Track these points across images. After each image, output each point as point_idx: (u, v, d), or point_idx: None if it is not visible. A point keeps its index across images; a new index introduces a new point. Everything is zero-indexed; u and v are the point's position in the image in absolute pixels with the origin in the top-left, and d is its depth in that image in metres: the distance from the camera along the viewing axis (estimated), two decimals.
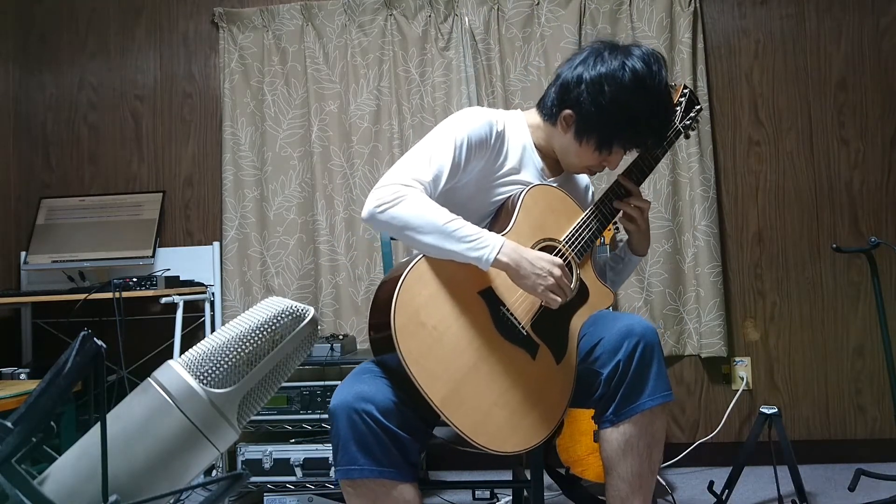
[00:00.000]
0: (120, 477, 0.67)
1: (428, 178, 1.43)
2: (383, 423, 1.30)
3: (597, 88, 1.48)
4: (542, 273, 1.37)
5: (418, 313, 1.33)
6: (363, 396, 1.31)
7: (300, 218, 3.04)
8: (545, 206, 1.53)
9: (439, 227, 1.35)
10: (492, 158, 1.54)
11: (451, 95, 2.95)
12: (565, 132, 1.56)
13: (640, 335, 1.39)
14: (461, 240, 1.36)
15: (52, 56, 3.26)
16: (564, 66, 1.57)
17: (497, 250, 1.36)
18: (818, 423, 2.85)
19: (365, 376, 1.39)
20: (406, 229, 1.37)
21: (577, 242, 1.53)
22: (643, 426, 1.39)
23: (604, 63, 1.49)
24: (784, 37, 2.92)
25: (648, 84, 1.47)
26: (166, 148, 3.19)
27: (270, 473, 2.45)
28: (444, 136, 1.48)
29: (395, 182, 1.40)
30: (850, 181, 2.87)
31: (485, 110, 1.57)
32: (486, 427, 1.34)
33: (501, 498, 2.42)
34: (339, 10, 3.04)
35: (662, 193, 2.86)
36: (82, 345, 0.66)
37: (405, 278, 1.34)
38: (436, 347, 1.33)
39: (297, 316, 0.77)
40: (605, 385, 1.41)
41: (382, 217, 1.38)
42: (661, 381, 1.40)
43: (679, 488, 2.61)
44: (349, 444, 1.30)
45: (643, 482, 1.42)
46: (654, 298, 2.86)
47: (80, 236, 3.00)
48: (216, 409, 0.71)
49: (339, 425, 1.31)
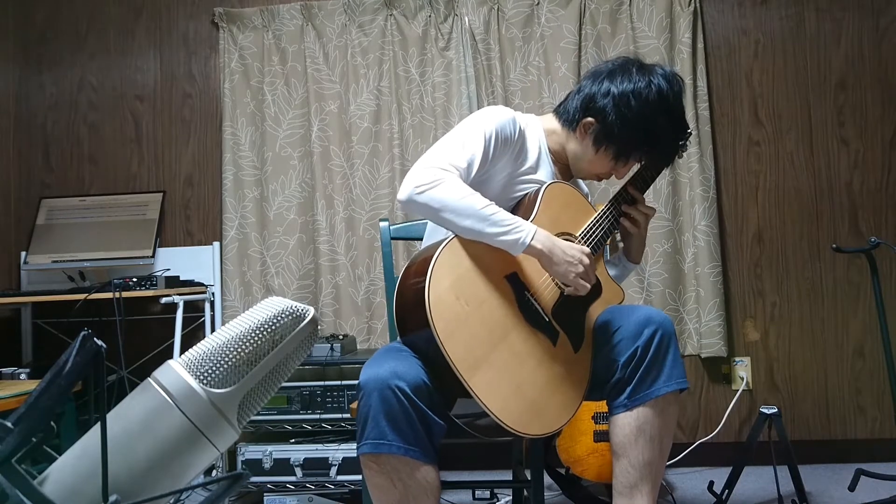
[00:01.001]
0: (120, 477, 0.67)
1: (463, 164, 1.47)
2: (415, 401, 1.30)
3: (623, 102, 1.55)
4: (573, 261, 1.43)
5: (452, 289, 1.36)
6: (396, 373, 1.31)
7: (300, 218, 3.04)
8: (563, 202, 1.59)
9: (477, 210, 1.40)
10: (514, 155, 1.60)
11: (451, 95, 2.95)
12: (582, 139, 1.63)
13: (659, 323, 1.44)
14: (498, 224, 1.40)
15: (52, 56, 3.26)
16: (590, 78, 1.64)
17: (532, 236, 1.42)
18: (818, 423, 2.85)
19: (397, 354, 1.40)
20: (444, 211, 1.41)
21: (592, 238, 1.59)
22: (657, 412, 1.43)
23: (631, 80, 1.56)
24: (784, 37, 2.92)
25: (671, 103, 1.57)
26: (166, 148, 3.19)
27: (270, 473, 2.45)
28: (475, 127, 1.53)
29: (433, 165, 1.44)
30: (850, 181, 2.87)
31: (509, 109, 1.62)
32: (513, 407, 1.35)
33: (501, 498, 2.42)
34: (339, 10, 3.04)
35: (662, 193, 2.86)
36: (82, 345, 0.66)
37: (440, 254, 1.37)
38: (467, 323, 1.35)
39: (297, 316, 0.77)
40: (622, 369, 1.45)
41: (421, 199, 1.41)
42: (678, 369, 1.45)
43: (679, 488, 2.61)
44: (380, 418, 1.29)
45: (652, 470, 1.44)
46: (654, 298, 2.86)
47: (80, 236, 3.01)
48: (216, 409, 0.71)
49: (370, 399, 1.31)
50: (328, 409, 2.47)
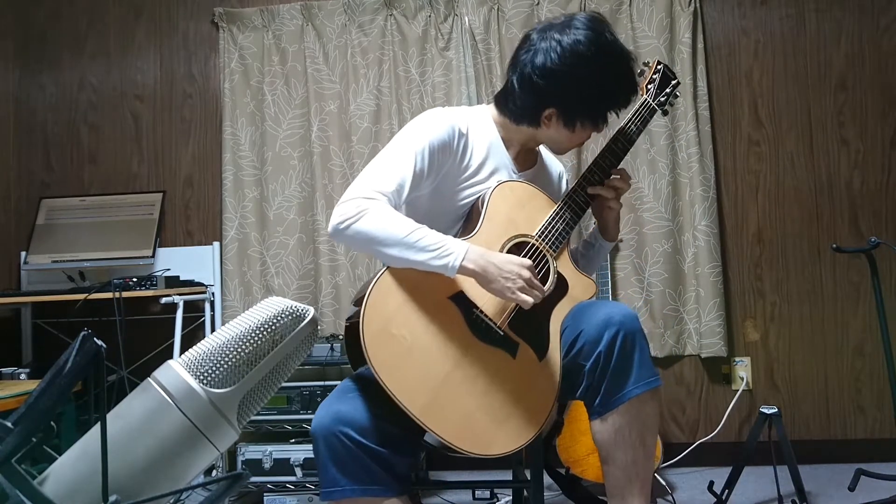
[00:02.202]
0: (120, 477, 0.67)
1: (391, 188, 1.41)
2: (362, 442, 1.30)
3: (568, 74, 1.46)
4: (510, 276, 1.36)
5: (387, 325, 1.33)
6: (340, 418, 1.31)
7: (300, 218, 3.04)
8: (514, 201, 1.52)
9: (401, 238, 1.35)
10: (456, 161, 1.53)
11: (451, 95, 2.95)
12: (549, 127, 1.55)
13: (620, 324, 1.38)
14: (424, 249, 1.35)
15: (52, 56, 3.25)
16: (516, 69, 1.53)
17: (462, 257, 1.35)
18: (818, 423, 2.85)
19: (345, 395, 1.40)
20: (370, 243, 1.37)
21: (551, 235, 1.52)
22: (632, 414, 1.39)
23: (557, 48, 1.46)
24: (784, 37, 2.92)
25: (605, 46, 1.47)
26: (166, 148, 3.19)
27: (270, 473, 2.45)
28: (404, 145, 1.47)
29: (357, 196, 1.39)
30: (850, 181, 2.87)
31: (447, 112, 1.56)
32: (470, 431, 1.33)
33: (501, 498, 2.42)
34: (339, 10, 3.04)
35: (662, 193, 2.86)
36: (82, 345, 0.66)
37: (370, 292, 1.34)
38: (409, 357, 1.33)
39: (297, 316, 0.77)
40: (588, 377, 1.41)
41: (347, 233, 1.37)
42: (646, 368, 1.40)
43: (679, 488, 2.61)
44: (328, 466, 1.31)
45: (639, 469, 1.42)
46: (654, 298, 2.86)
47: (80, 236, 3.00)
48: (216, 408, 0.71)
49: (318, 448, 1.33)
50: None
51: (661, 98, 1.67)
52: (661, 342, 2.85)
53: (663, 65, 1.70)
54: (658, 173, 2.86)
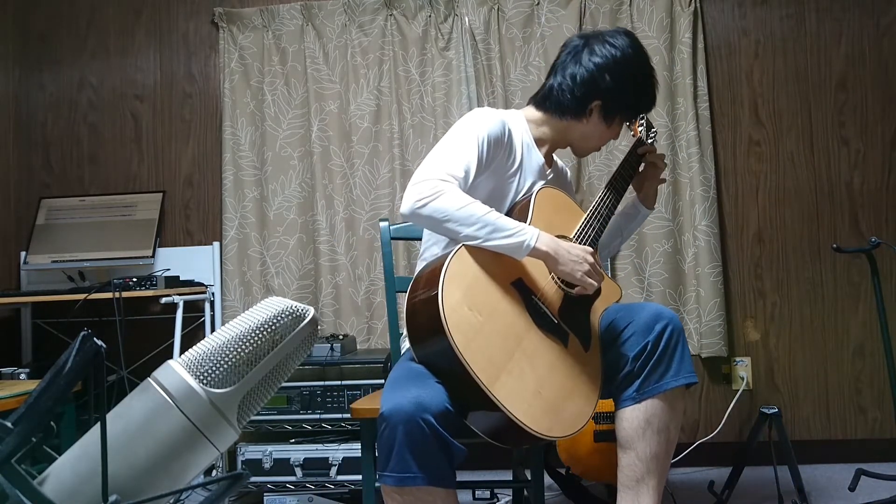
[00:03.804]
0: (120, 477, 0.67)
1: (460, 173, 1.49)
2: (440, 432, 1.27)
3: (617, 71, 1.64)
4: (578, 259, 1.46)
5: (464, 300, 1.37)
6: (422, 403, 1.27)
7: (300, 218, 3.04)
8: (553, 206, 1.63)
9: (479, 217, 1.42)
10: (505, 156, 1.64)
11: (451, 95, 2.95)
12: (590, 121, 1.69)
13: (670, 319, 1.49)
14: (501, 229, 1.43)
15: (52, 56, 3.25)
16: (562, 68, 1.70)
17: (536, 238, 1.44)
18: (818, 423, 2.85)
19: (422, 381, 1.35)
20: (448, 222, 1.43)
21: (586, 238, 1.62)
22: (666, 405, 1.45)
23: (604, 51, 1.65)
24: (784, 37, 2.92)
25: (645, 55, 1.70)
26: (166, 148, 3.19)
27: (270, 473, 2.45)
28: (468, 134, 1.56)
29: (431, 177, 1.46)
30: (850, 181, 2.86)
31: (495, 110, 1.66)
32: (536, 412, 1.35)
33: (501, 498, 2.42)
34: (339, 10, 3.04)
35: (662, 193, 2.86)
36: (82, 345, 0.66)
37: (448, 266, 1.38)
38: (482, 333, 1.36)
39: (297, 316, 0.77)
40: (632, 363, 1.47)
41: (424, 211, 1.43)
42: (686, 364, 1.48)
43: (679, 488, 2.61)
44: (405, 452, 1.27)
45: (659, 464, 1.45)
46: (655, 298, 2.86)
47: (80, 236, 3.00)
48: (216, 409, 0.71)
49: (395, 432, 1.27)
50: (328, 409, 2.47)
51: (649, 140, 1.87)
52: None
53: (645, 117, 1.88)
54: None
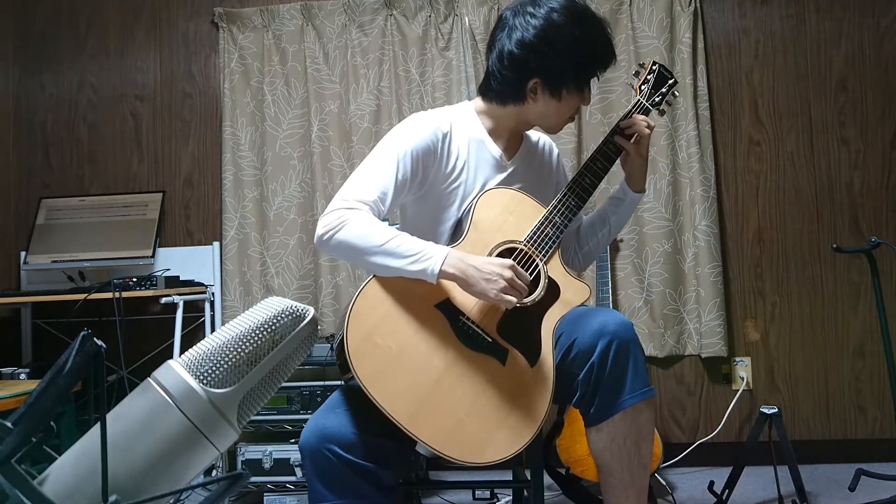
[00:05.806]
0: (120, 477, 0.67)
1: (372, 197, 1.42)
2: (346, 458, 1.30)
3: (546, 42, 1.47)
4: (491, 277, 1.35)
5: (372, 334, 1.33)
6: (325, 434, 1.32)
7: (300, 218, 3.04)
8: (501, 208, 1.51)
9: (380, 246, 1.36)
10: (442, 165, 1.54)
11: (451, 95, 2.95)
12: (536, 100, 1.54)
13: (613, 333, 1.36)
14: (404, 256, 1.35)
15: (52, 56, 3.25)
16: (496, 50, 1.54)
17: (441, 262, 1.35)
18: (818, 423, 2.85)
19: (332, 410, 1.39)
20: (353, 253, 1.38)
21: (540, 240, 1.50)
22: (627, 424, 1.38)
23: (531, 22, 1.48)
24: (784, 37, 2.92)
25: (578, 12, 1.50)
26: (166, 148, 3.19)
27: (270, 473, 2.45)
28: (386, 152, 1.48)
29: (339, 206, 1.40)
30: (850, 181, 2.86)
31: (428, 116, 1.57)
32: (459, 439, 1.32)
33: (501, 498, 2.42)
34: (339, 10, 3.04)
35: (662, 193, 2.86)
36: (82, 345, 0.66)
37: (354, 302, 1.35)
38: (395, 366, 1.32)
39: (297, 316, 0.77)
40: (582, 387, 1.39)
41: (331, 244, 1.39)
42: (639, 378, 1.38)
43: (679, 488, 2.61)
44: (314, 482, 1.32)
45: (635, 478, 1.41)
46: (654, 298, 2.86)
47: (80, 236, 3.00)
48: (216, 409, 0.71)
49: (305, 464, 1.34)
50: None
51: (657, 98, 1.66)
52: (662, 342, 2.85)
53: (658, 65, 1.69)
54: (658, 173, 2.86)
